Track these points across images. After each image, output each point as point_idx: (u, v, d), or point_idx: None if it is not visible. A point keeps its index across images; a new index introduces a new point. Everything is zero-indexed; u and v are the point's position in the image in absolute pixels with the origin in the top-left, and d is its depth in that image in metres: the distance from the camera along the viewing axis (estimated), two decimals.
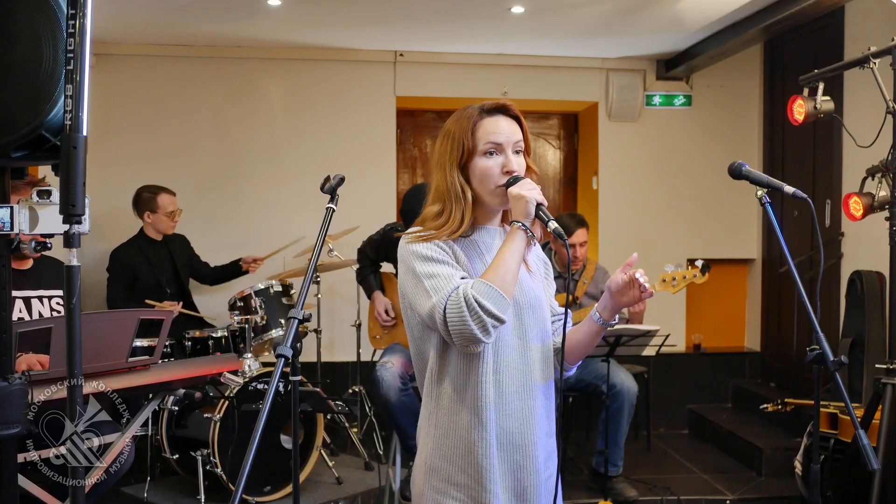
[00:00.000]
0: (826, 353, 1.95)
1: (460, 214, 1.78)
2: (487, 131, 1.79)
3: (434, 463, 1.80)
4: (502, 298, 1.67)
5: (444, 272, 1.72)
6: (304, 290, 1.92)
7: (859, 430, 1.92)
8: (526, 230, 1.73)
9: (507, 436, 1.78)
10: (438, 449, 1.80)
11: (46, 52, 1.56)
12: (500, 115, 1.82)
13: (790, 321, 5.27)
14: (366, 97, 5.41)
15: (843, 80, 4.43)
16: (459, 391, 1.77)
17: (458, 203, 1.78)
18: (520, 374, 1.80)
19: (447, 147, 1.81)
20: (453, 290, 1.68)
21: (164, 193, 4.57)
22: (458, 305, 1.66)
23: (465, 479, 1.77)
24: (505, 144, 1.79)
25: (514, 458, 1.79)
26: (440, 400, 1.80)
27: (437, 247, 1.76)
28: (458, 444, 1.77)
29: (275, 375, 1.74)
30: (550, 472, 1.87)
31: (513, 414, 1.78)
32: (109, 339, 2.78)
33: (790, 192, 2.04)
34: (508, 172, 1.78)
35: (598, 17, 4.57)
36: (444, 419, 1.79)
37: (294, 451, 2.13)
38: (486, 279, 1.69)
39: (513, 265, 1.71)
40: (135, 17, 4.58)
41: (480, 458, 1.75)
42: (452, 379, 1.77)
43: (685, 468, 4.73)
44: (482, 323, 1.65)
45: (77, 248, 1.53)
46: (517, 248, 1.73)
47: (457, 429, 1.77)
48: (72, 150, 1.47)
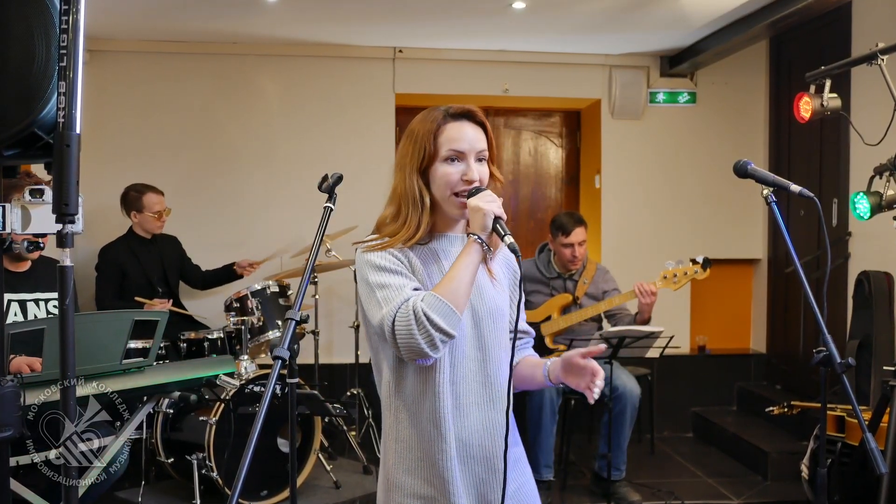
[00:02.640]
0: (833, 355, 1.93)
1: (416, 220, 1.74)
2: (450, 137, 1.74)
3: (396, 478, 1.78)
4: (452, 313, 1.64)
5: (396, 283, 1.70)
6: (301, 290, 1.91)
7: (867, 434, 1.90)
8: (482, 243, 1.69)
9: (467, 448, 1.76)
10: (401, 463, 1.77)
11: (39, 48, 1.54)
12: (466, 121, 1.77)
13: (796, 322, 5.25)
14: (364, 94, 5.39)
15: (851, 76, 4.39)
16: (418, 402, 1.75)
17: (415, 208, 1.74)
18: (479, 385, 1.78)
19: (409, 149, 1.77)
20: (403, 302, 1.66)
21: (150, 193, 4.55)
22: (406, 318, 1.64)
23: (431, 492, 1.74)
24: (468, 152, 1.74)
25: (476, 472, 1.77)
26: (398, 413, 1.78)
27: (392, 255, 1.74)
28: (421, 456, 1.75)
29: (272, 377, 1.73)
30: (521, 482, 1.85)
31: (472, 426, 1.76)
32: (103, 340, 2.76)
33: (796, 190, 2.03)
34: (468, 182, 1.73)
35: (600, 13, 4.55)
36: (405, 432, 1.77)
37: (291, 454, 2.12)
38: (438, 292, 1.66)
39: (466, 278, 1.68)
40: (129, 13, 4.56)
41: (442, 471, 1.73)
42: (410, 391, 1.75)
43: (689, 472, 4.72)
44: (430, 337, 1.63)
45: (70, 248, 1.52)
46: (472, 261, 1.69)
47: (419, 441, 1.75)
48: (65, 149, 1.48)
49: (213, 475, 3.73)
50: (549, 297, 4.34)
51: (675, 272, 3.90)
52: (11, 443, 2.29)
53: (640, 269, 5.20)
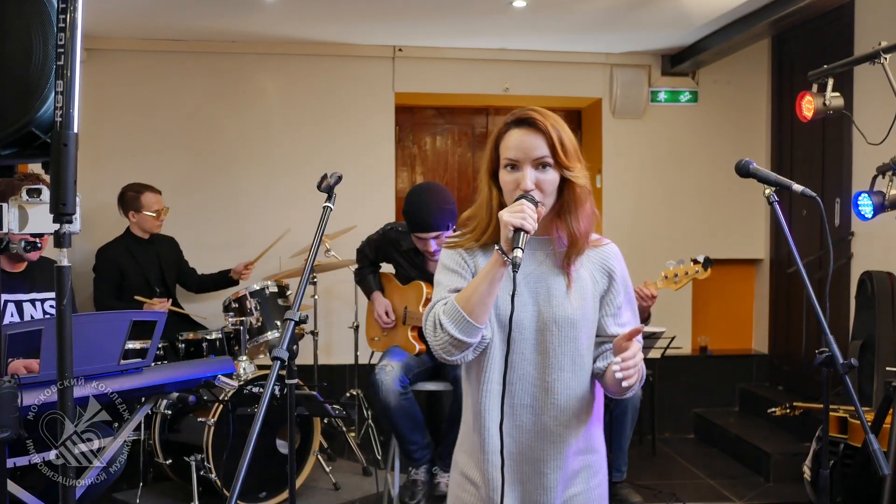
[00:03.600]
0: (835, 356, 1.94)
1: (486, 222, 1.81)
2: (507, 145, 1.79)
3: (458, 455, 1.93)
4: (465, 321, 1.70)
5: (445, 282, 1.81)
6: (300, 290, 1.93)
7: (869, 435, 1.90)
8: (503, 254, 1.69)
9: (518, 446, 1.81)
10: (462, 443, 1.92)
11: (36, 47, 1.53)
12: (524, 129, 1.79)
13: (799, 323, 5.24)
14: (364, 93, 5.38)
15: (853, 75, 4.38)
16: (473, 393, 1.85)
17: (486, 211, 1.82)
18: (536, 389, 1.80)
19: (485, 153, 1.86)
20: (436, 303, 1.76)
21: (148, 192, 4.53)
22: (430, 321, 1.76)
23: (478, 477, 1.85)
24: (522, 161, 1.77)
25: (523, 470, 1.82)
26: (467, 397, 1.90)
27: (458, 256, 1.84)
28: (474, 441, 1.85)
29: (270, 378, 1.74)
30: (578, 491, 1.85)
31: (524, 426, 1.81)
32: (101, 341, 2.74)
33: (799, 190, 2.03)
34: (523, 190, 1.75)
35: (601, 12, 4.54)
36: (468, 415, 1.89)
37: (290, 456, 2.13)
38: (456, 300, 1.73)
39: (481, 288, 1.71)
40: (127, 11, 4.55)
41: (485, 462, 1.81)
42: (472, 380, 1.86)
43: (691, 473, 4.70)
44: (443, 343, 1.72)
45: (68, 248, 1.52)
46: (489, 271, 1.72)
47: (473, 428, 1.86)
48: (62, 148, 1.46)
49: (212, 476, 3.72)
50: None
51: (676, 272, 3.89)
52: (9, 444, 2.29)
53: (642, 268, 5.15)
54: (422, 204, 3.52)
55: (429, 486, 3.73)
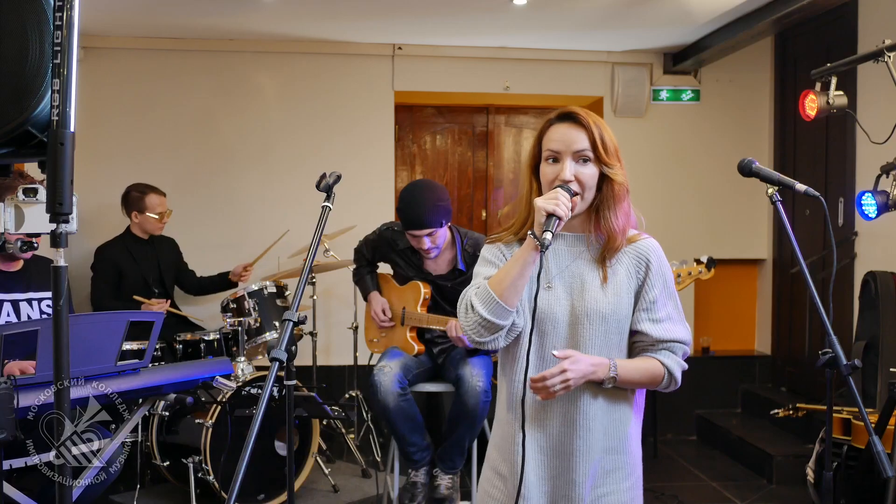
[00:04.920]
0: (839, 357, 1.93)
1: (525, 216, 1.88)
2: (550, 138, 1.86)
3: (489, 450, 1.97)
4: (496, 303, 1.76)
5: (483, 272, 1.88)
6: (299, 291, 1.92)
7: (873, 436, 1.90)
8: (535, 239, 1.75)
9: (548, 440, 1.84)
10: (494, 437, 1.96)
11: (33, 45, 1.52)
12: (567, 123, 1.87)
13: (802, 323, 5.23)
14: (363, 92, 5.36)
15: (857, 74, 4.38)
16: (506, 386, 1.91)
17: (526, 205, 1.88)
18: None
19: (530, 150, 1.93)
20: (469, 289, 1.85)
21: (153, 193, 4.52)
22: (463, 304, 1.84)
23: (507, 470, 1.88)
24: (563, 153, 1.84)
25: (553, 464, 1.85)
26: (500, 391, 1.95)
27: (498, 250, 1.91)
28: (504, 435, 1.90)
29: (269, 380, 1.74)
30: (606, 491, 1.86)
31: (554, 420, 1.84)
32: (98, 341, 2.75)
33: (802, 189, 2.03)
34: (563, 181, 1.81)
35: (603, 9, 4.52)
36: (501, 410, 1.93)
37: (289, 457, 2.12)
38: (489, 283, 1.80)
39: (513, 271, 1.78)
40: (124, 9, 4.54)
41: (514, 454, 1.84)
42: (506, 373, 1.91)
43: (693, 476, 4.70)
44: (473, 324, 1.79)
45: (64, 248, 1.52)
46: (521, 255, 1.79)
47: (504, 422, 1.90)
48: (59, 147, 1.46)
49: (210, 479, 3.72)
50: None
51: (679, 272, 3.88)
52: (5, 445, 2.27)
53: None
54: (415, 201, 3.49)
55: (428, 488, 3.70)
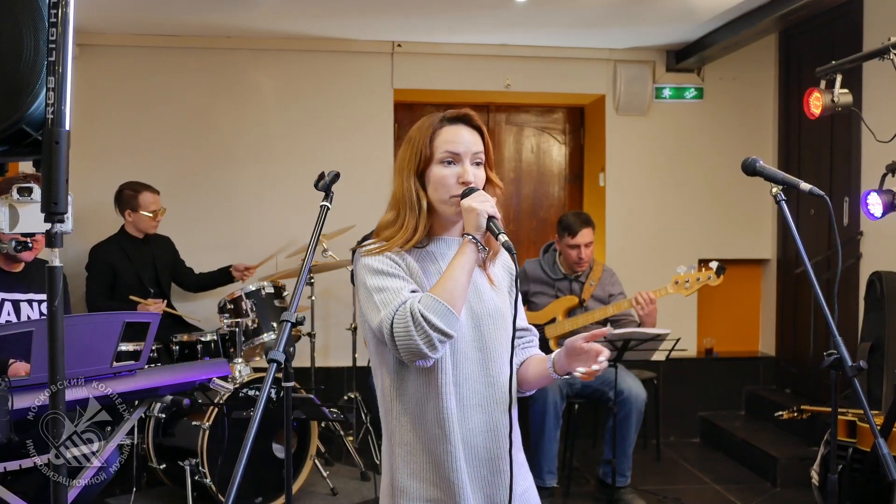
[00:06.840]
0: (844, 358, 1.93)
1: (414, 223, 1.80)
2: (446, 140, 1.81)
3: (402, 483, 1.80)
4: (449, 312, 1.69)
5: (394, 286, 1.75)
6: (297, 291, 1.90)
7: (879, 439, 1.89)
8: (476, 243, 1.74)
9: (473, 450, 1.80)
10: (406, 467, 1.80)
11: (27, 42, 1.51)
12: (462, 125, 1.83)
13: (806, 324, 5.19)
14: (362, 90, 5.33)
15: (862, 71, 4.35)
16: (421, 405, 1.78)
17: (412, 211, 1.80)
18: (482, 386, 1.81)
19: (407, 153, 1.84)
20: (400, 305, 1.70)
21: (146, 192, 4.50)
22: (404, 320, 1.68)
23: (439, 494, 1.78)
24: (463, 155, 1.80)
25: (481, 474, 1.81)
26: (401, 417, 1.81)
27: (390, 259, 1.79)
28: (427, 459, 1.78)
29: (266, 381, 1.73)
30: (526, 486, 1.89)
31: (477, 427, 1.80)
32: (93, 343, 2.74)
33: (806, 189, 2.02)
34: (464, 183, 1.78)
35: (605, 6, 4.50)
36: (408, 436, 1.80)
37: (287, 460, 2.08)
38: (434, 293, 1.71)
39: (461, 279, 1.73)
40: (119, 6, 4.52)
41: (449, 472, 1.76)
42: (413, 393, 1.79)
43: (696, 478, 4.69)
44: (427, 337, 1.67)
45: (59, 248, 1.51)
46: (467, 261, 1.75)
47: (424, 444, 1.78)
48: (54, 146, 1.45)
49: (207, 481, 3.70)
50: (553, 299, 4.25)
51: (688, 277, 3.86)
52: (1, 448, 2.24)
53: (645, 268, 5.14)
54: None
55: None
